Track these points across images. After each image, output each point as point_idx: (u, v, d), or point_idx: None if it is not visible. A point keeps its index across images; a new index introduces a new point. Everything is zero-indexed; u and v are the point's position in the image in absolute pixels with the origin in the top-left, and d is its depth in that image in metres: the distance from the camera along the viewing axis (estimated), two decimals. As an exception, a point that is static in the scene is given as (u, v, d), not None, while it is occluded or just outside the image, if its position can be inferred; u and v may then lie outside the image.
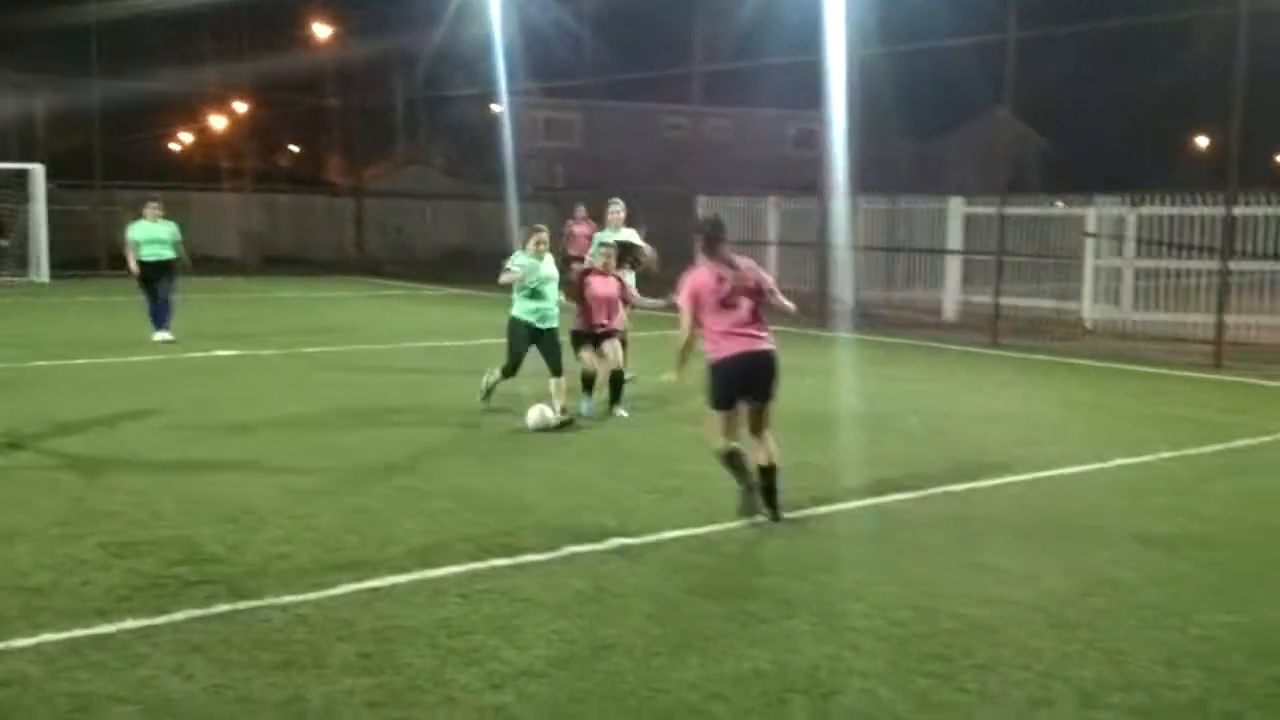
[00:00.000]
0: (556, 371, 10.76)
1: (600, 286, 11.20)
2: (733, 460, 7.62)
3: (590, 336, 11.21)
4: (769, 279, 7.87)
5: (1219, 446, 10.20)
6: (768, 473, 7.58)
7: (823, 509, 7.97)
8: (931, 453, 9.86)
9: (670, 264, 11.73)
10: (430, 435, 10.25)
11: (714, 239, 7.64)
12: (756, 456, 7.60)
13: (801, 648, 5.48)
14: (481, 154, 38.12)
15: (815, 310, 20.49)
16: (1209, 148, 53.13)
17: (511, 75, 28.66)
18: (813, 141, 30.95)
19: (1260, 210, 17.60)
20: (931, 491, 8.49)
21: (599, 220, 14.38)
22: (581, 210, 19.08)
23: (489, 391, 11.18)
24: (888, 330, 18.14)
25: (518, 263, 10.75)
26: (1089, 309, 19.68)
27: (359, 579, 6.30)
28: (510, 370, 10.91)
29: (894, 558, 6.96)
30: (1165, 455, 9.81)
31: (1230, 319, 16.42)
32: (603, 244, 11.72)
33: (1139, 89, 49.55)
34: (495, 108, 34.44)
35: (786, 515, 7.61)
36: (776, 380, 7.61)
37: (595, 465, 9.16)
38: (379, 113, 43.33)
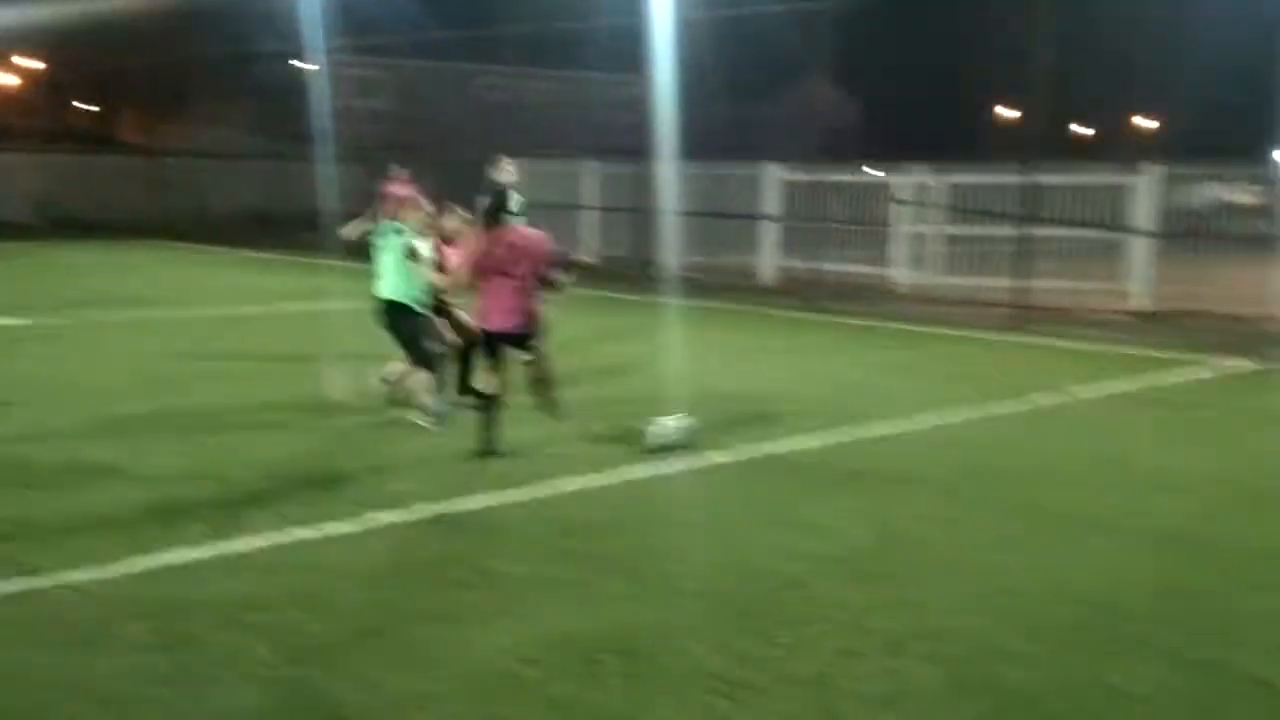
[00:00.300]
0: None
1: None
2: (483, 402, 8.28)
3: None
4: (552, 253, 8.42)
5: (1021, 406, 10.55)
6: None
7: (640, 471, 7.96)
8: (748, 413, 9.94)
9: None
10: (227, 404, 9.88)
11: (496, 212, 8.36)
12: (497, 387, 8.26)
13: (616, 609, 5.45)
14: (288, 113, 36.86)
15: (635, 276, 20.52)
16: (1013, 118, 55.06)
17: (320, 32, 27.73)
18: (635, 106, 30.82)
19: (1059, 179, 18.28)
20: (748, 452, 8.55)
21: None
22: (399, 171, 18.58)
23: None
24: (707, 295, 18.28)
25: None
26: (900, 274, 20.18)
27: (151, 553, 6.01)
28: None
29: (710, 518, 7.00)
30: (969, 415, 10.10)
31: (1032, 282, 17.03)
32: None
33: (950, 59, 51.05)
34: (303, 65, 33.37)
35: (601, 477, 7.67)
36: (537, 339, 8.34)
37: (403, 431, 8.93)
38: (179, 70, 41.57)
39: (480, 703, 4.50)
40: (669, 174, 21.01)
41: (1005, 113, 57.91)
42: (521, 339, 8.29)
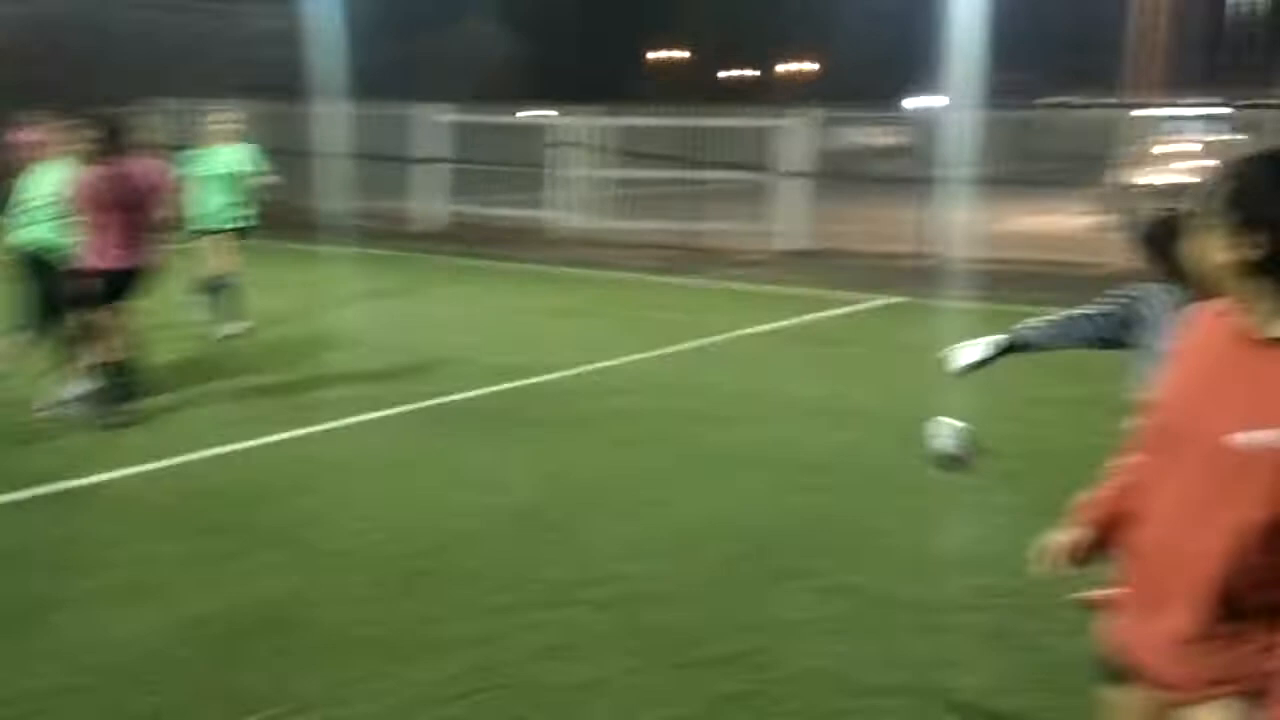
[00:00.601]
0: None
1: None
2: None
3: None
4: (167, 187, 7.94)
5: (681, 346, 10.81)
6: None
7: (280, 435, 7.62)
8: (413, 364, 9.74)
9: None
10: None
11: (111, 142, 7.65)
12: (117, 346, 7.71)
13: (269, 581, 5.21)
14: None
15: (291, 222, 19.72)
16: (673, 60, 56.37)
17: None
18: (286, 40, 29.23)
19: (714, 121, 18.80)
20: (409, 406, 8.37)
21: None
22: (34, 117, 17.00)
23: None
24: (370, 242, 17.80)
25: None
26: (565, 218, 20.26)
27: None
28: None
29: (371, 477, 6.82)
30: (633, 357, 10.26)
31: (698, 226, 17.47)
32: None
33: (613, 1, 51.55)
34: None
35: (253, 440, 7.35)
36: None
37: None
38: None
39: (129, 690, 4.21)
40: (331, 114, 20.31)
41: (666, 55, 59.27)
42: (131, 280, 7.67)
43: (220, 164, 10.87)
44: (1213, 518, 2.04)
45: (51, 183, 8.08)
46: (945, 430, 4.95)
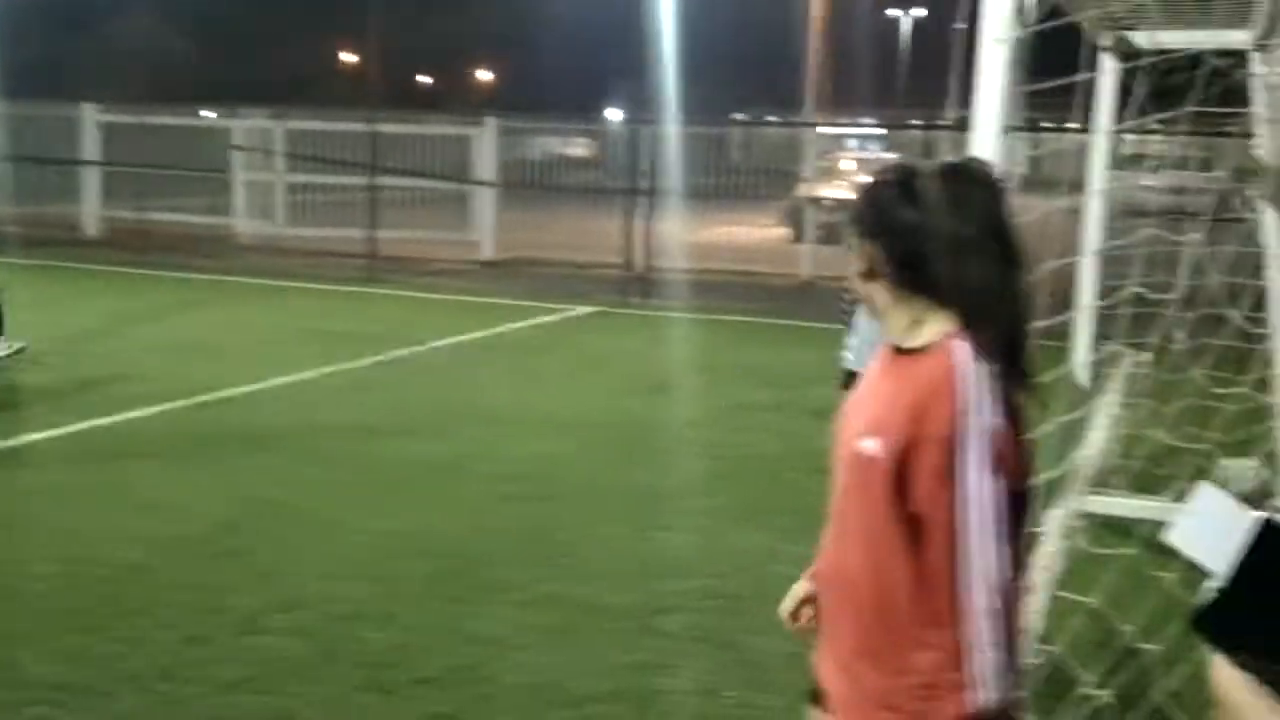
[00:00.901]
0: None
1: None
2: None
3: None
4: None
5: (376, 358, 10.48)
6: None
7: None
8: (76, 383, 9.03)
9: None
10: None
11: None
12: None
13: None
14: None
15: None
16: (354, 64, 55.14)
17: None
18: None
19: (402, 128, 18.46)
20: (77, 427, 7.72)
21: None
22: None
23: None
24: (22, 251, 16.42)
25: None
26: (242, 224, 19.40)
27: None
28: None
29: (35, 507, 6.23)
30: (325, 370, 9.86)
31: (381, 234, 17.08)
32: None
33: (291, 2, 50.05)
34: None
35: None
36: None
37: None
38: None
39: None
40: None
41: (353, 59, 57.99)
42: None
43: None
44: (854, 529, 2.04)
45: None
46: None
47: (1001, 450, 1.88)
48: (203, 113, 20.37)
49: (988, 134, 3.30)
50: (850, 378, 6.34)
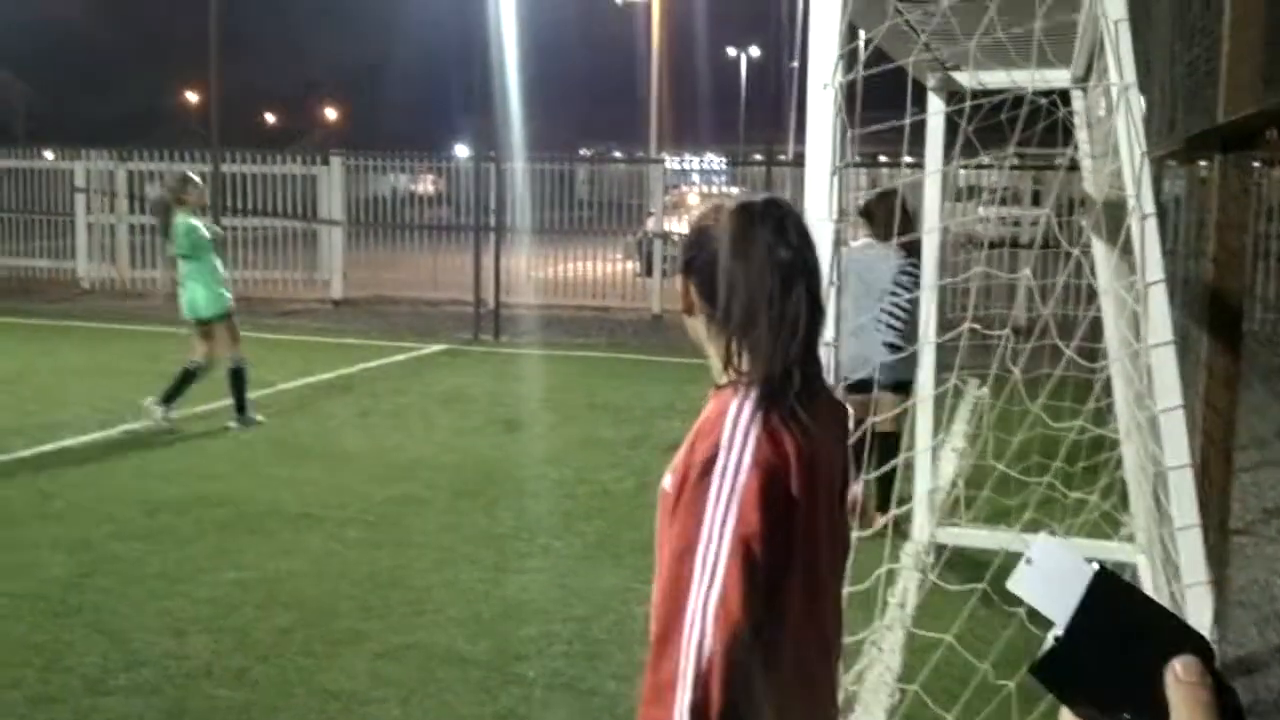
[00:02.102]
0: None
1: None
2: None
3: None
4: None
5: (223, 401, 10.24)
6: None
7: None
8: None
9: None
10: None
11: None
12: None
13: None
14: None
15: None
16: (198, 104, 54.08)
17: None
18: None
19: (247, 168, 18.17)
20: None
21: None
22: None
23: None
24: None
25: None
26: (85, 267, 18.87)
27: None
28: None
29: None
30: (171, 415, 9.61)
31: (227, 274, 16.71)
32: None
33: (131, 41, 48.90)
34: None
35: None
36: None
37: None
38: None
39: None
40: None
41: (194, 98, 56.78)
42: None
43: None
44: (657, 560, 2.03)
45: None
46: None
47: (750, 500, 1.82)
48: (45, 155, 19.77)
49: (820, 174, 3.36)
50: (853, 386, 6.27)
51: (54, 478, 7.71)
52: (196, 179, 9.59)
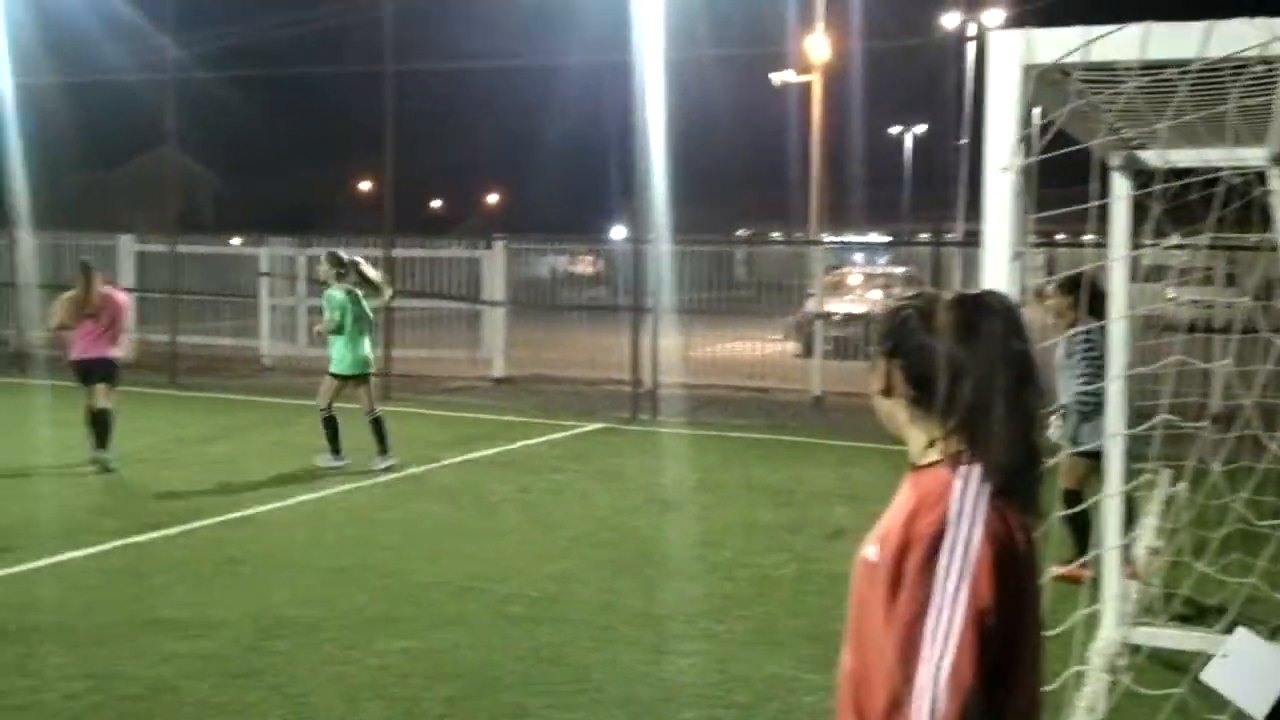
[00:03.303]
0: None
1: None
2: None
3: None
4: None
5: (393, 475, 10.62)
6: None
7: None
8: (109, 502, 9.22)
9: None
10: None
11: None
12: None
13: (-53, 747, 4.73)
14: None
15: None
16: (370, 192, 56.29)
17: None
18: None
19: (416, 252, 18.90)
20: (109, 545, 7.92)
21: None
22: None
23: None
24: (58, 374, 16.66)
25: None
26: (267, 346, 19.75)
27: None
28: None
29: (66, 623, 6.37)
30: (343, 488, 10.02)
31: (396, 352, 17.33)
32: None
33: (309, 133, 51.21)
34: None
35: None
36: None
37: None
38: None
39: None
40: (23, 243, 19.29)
41: (367, 187, 59.11)
42: None
43: None
44: (852, 633, 2.13)
45: None
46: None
47: (984, 573, 1.91)
48: (232, 241, 20.91)
49: (998, 259, 3.34)
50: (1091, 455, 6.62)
51: (239, 544, 8.09)
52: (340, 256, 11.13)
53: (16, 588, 6.99)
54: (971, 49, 23.18)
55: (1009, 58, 3.40)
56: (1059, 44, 3.37)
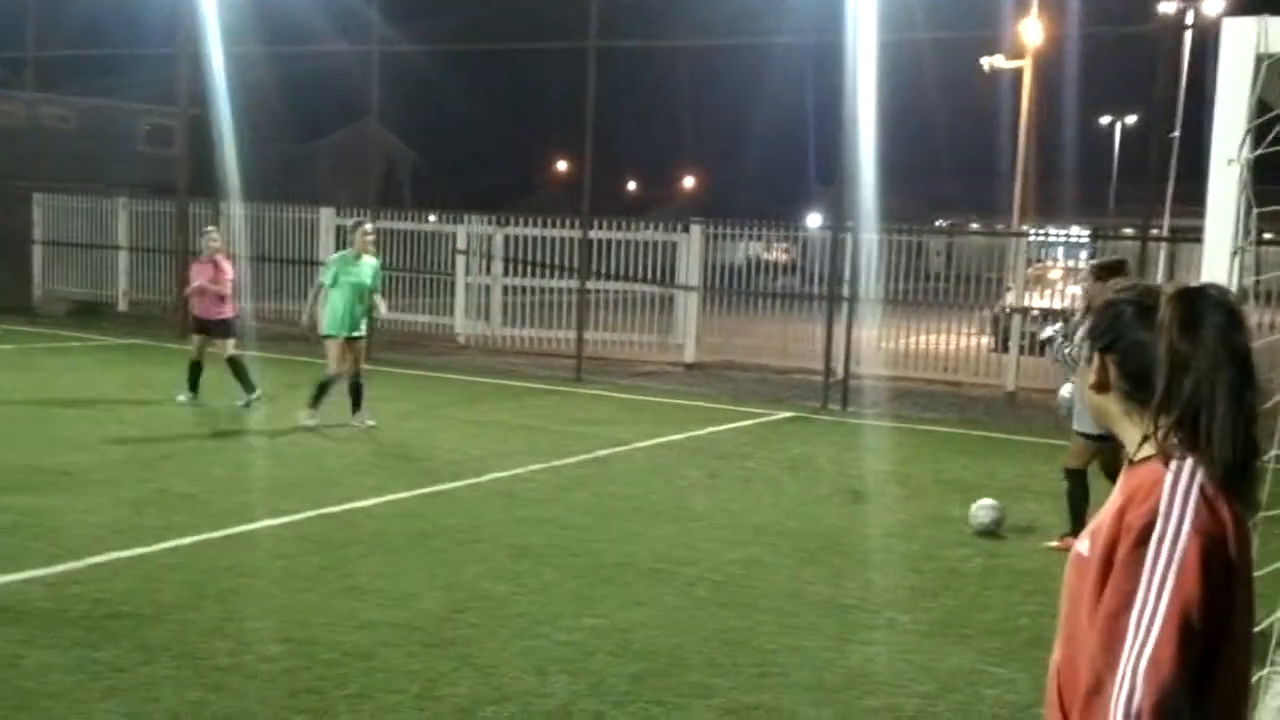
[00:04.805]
0: None
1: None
2: None
3: None
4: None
5: (582, 456, 10.80)
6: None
7: (187, 539, 7.44)
8: (303, 473, 9.59)
9: None
10: None
11: None
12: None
13: (161, 695, 5.02)
14: None
15: (174, 321, 19.43)
16: (567, 172, 57.12)
17: None
18: (169, 139, 28.91)
19: (612, 234, 19.07)
20: (305, 514, 8.22)
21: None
22: None
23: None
24: (259, 344, 17.50)
25: None
26: (462, 324, 20.27)
27: None
28: None
29: (265, 588, 6.63)
30: (534, 467, 10.22)
31: (589, 335, 17.60)
32: None
33: (507, 112, 52.26)
34: None
35: (142, 548, 7.16)
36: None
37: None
38: None
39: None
40: (235, 215, 20.19)
41: (561, 167, 60.06)
42: None
43: None
44: (1062, 628, 2.13)
45: None
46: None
47: (1191, 567, 1.90)
48: (430, 218, 21.41)
49: (1219, 254, 3.27)
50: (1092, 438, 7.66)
51: (431, 519, 8.32)
52: (365, 227, 12.04)
53: (213, 552, 7.27)
54: (1189, 38, 22.21)
55: (1242, 45, 3.28)
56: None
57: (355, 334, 11.60)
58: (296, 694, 5.11)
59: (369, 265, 11.72)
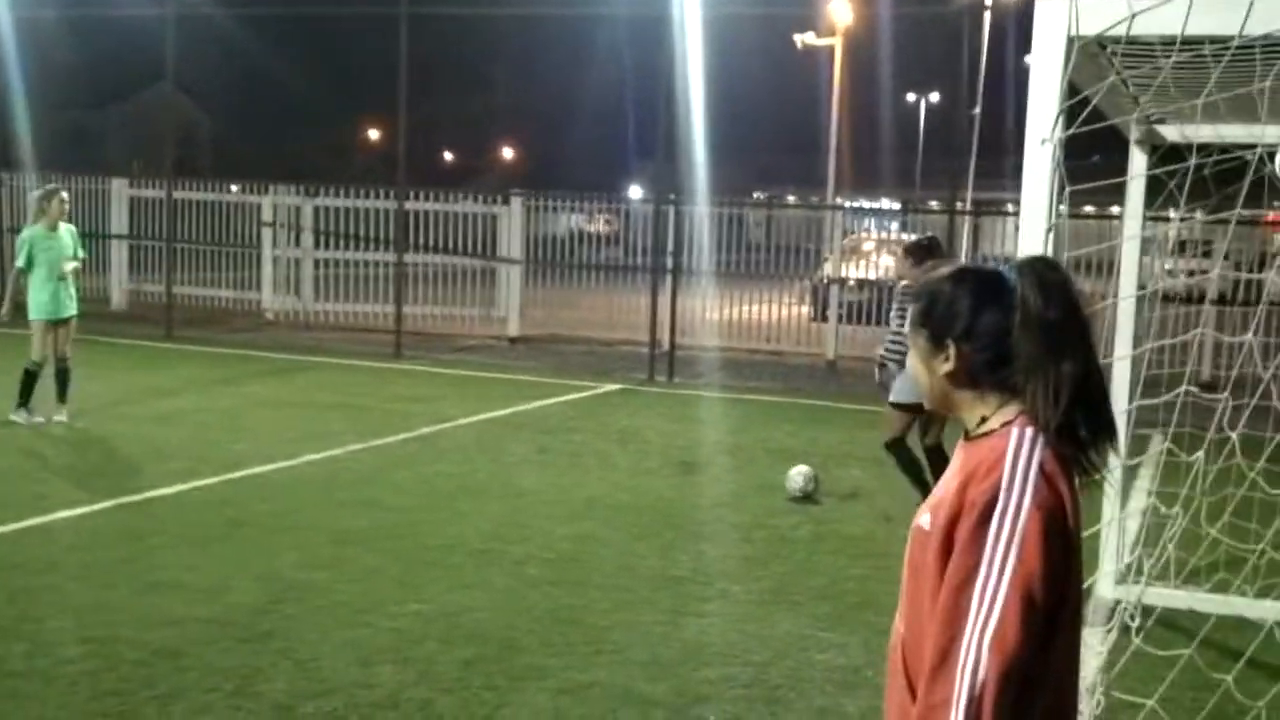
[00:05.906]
0: None
1: None
2: None
3: None
4: None
5: (404, 435, 10.47)
6: None
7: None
8: (101, 460, 9.05)
9: None
10: None
11: None
12: None
13: (-56, 708, 4.59)
14: None
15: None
16: (380, 141, 55.72)
17: None
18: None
19: (430, 206, 18.62)
20: (102, 505, 7.70)
21: None
22: None
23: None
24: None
25: None
26: (269, 299, 19.53)
27: None
28: None
29: (62, 585, 6.17)
30: (354, 447, 9.85)
31: (407, 309, 17.16)
32: None
33: (314, 78, 50.72)
34: None
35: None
36: None
37: None
38: None
39: None
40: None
41: (374, 135, 58.70)
42: None
43: None
44: (904, 601, 2.16)
45: None
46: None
47: (1032, 541, 1.93)
48: (232, 189, 20.53)
49: (1036, 227, 3.40)
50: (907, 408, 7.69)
51: (242, 505, 7.91)
52: (62, 195, 10.54)
53: (3, 548, 6.77)
54: (988, 19, 23.02)
55: (1055, 28, 3.43)
56: (1104, 16, 3.41)
57: (64, 315, 10.35)
58: (100, 696, 4.77)
59: (67, 233, 10.51)
